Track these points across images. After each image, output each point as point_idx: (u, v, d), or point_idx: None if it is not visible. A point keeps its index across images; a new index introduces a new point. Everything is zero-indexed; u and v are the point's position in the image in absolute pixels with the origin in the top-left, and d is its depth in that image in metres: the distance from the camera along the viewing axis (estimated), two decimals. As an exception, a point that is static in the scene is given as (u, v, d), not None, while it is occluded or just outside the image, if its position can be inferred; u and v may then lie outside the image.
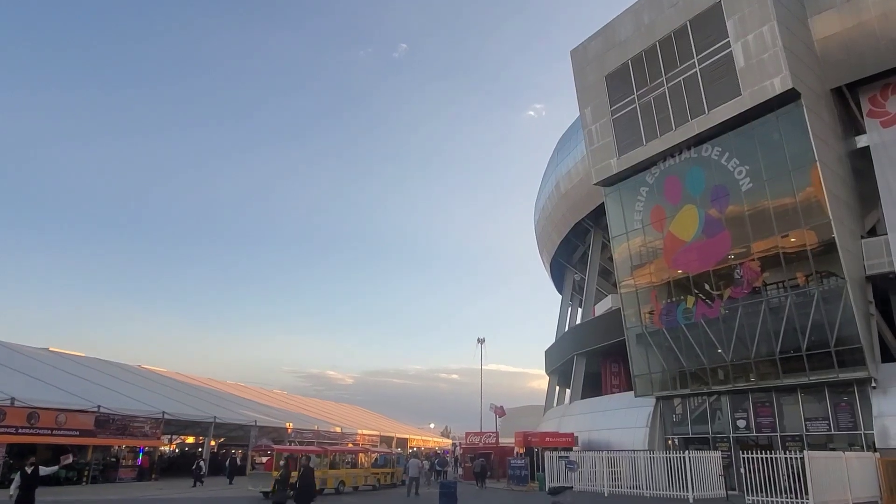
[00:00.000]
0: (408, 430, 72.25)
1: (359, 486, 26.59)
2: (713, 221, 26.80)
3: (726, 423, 27.22)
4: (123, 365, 43.72)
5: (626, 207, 31.22)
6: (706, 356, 27.13)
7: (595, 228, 41.90)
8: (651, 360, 29.86)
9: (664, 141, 28.07)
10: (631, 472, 25.22)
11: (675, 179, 28.54)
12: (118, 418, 30.46)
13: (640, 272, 30.40)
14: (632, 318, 30.71)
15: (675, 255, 28.37)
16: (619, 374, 39.64)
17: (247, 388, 59.46)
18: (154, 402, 34.56)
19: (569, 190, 40.96)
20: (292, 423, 45.64)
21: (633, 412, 31.11)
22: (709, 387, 27.28)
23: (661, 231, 29.18)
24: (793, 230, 24.18)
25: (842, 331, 22.73)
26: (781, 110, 24.46)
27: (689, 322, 27.66)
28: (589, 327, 39.74)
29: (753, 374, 25.53)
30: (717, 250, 26.60)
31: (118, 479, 30.19)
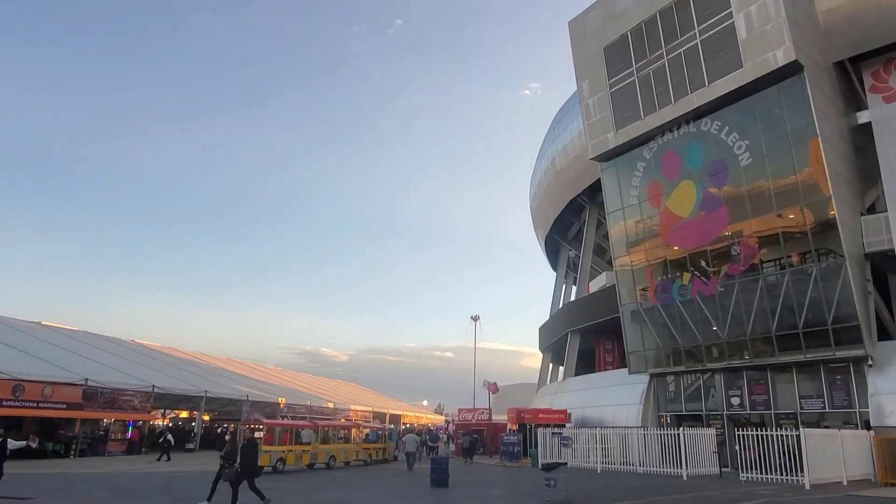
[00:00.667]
0: (401, 406, 72.38)
1: (350, 461, 26.40)
2: (711, 197, 26.38)
3: (720, 401, 27.09)
4: (113, 339, 43.33)
5: (623, 183, 30.76)
6: (701, 333, 26.89)
7: (590, 205, 41.48)
8: (645, 337, 29.64)
9: (663, 115, 27.53)
10: (625, 448, 25.07)
11: (673, 154, 28.05)
12: (106, 391, 30.14)
13: (635, 248, 30.03)
14: (627, 294, 30.42)
15: (672, 232, 27.99)
16: (612, 351, 39.52)
17: (239, 363, 59.29)
18: (144, 375, 34.22)
19: (565, 166, 40.46)
20: (285, 399, 45.51)
21: (627, 389, 30.97)
22: (703, 364, 27.09)
23: (657, 207, 28.76)
24: (792, 206, 23.80)
25: (839, 309, 22.47)
26: (783, 83, 23.92)
27: (684, 299, 27.38)
28: (583, 304, 39.48)
29: (748, 351, 25.32)
30: (715, 226, 26.22)
31: (107, 453, 29.94)
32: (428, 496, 15.22)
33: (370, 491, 16.21)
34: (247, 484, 12.47)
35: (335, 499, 14.35)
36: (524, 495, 15.77)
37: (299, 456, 23.06)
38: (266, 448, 22.32)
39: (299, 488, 16.73)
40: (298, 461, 22.98)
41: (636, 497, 15.32)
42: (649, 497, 15.36)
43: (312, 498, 14.52)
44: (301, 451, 23.24)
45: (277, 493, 15.16)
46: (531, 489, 17.04)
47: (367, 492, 16.00)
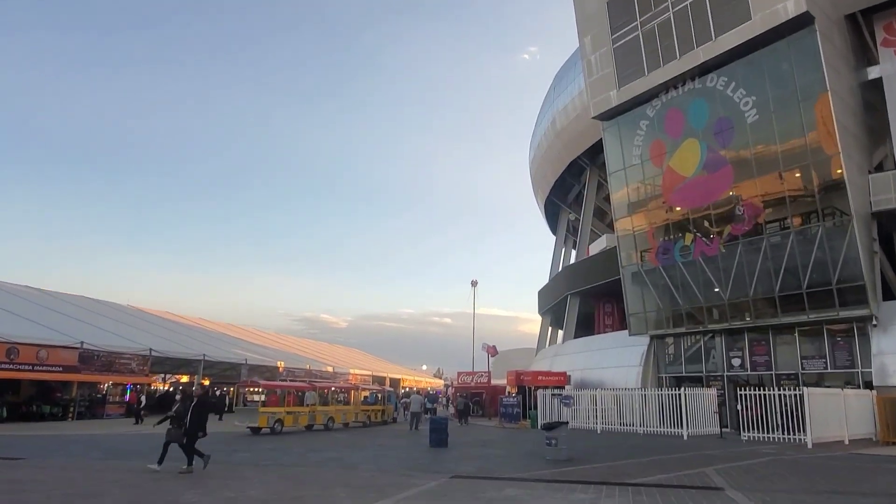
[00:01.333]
0: (400, 370, 72.74)
1: (349, 423, 26.35)
2: (715, 155, 25.80)
3: (720, 362, 26.97)
4: (110, 303, 43.14)
5: (625, 142, 30.09)
6: (703, 295, 26.60)
7: (591, 166, 40.92)
8: (646, 299, 29.36)
9: (667, 71, 26.75)
10: (625, 409, 25.00)
11: (677, 112, 27.37)
12: (103, 355, 30.00)
13: (637, 209, 29.54)
14: (627, 256, 30.03)
15: (675, 192, 27.47)
16: (612, 313, 39.37)
17: (238, 328, 59.28)
18: (141, 339, 34.08)
19: (565, 126, 39.74)
20: (284, 362, 45.56)
21: (627, 351, 30.86)
22: (704, 326, 26.87)
23: (660, 166, 28.18)
24: (799, 164, 23.23)
25: (845, 269, 22.10)
26: (793, 37, 23.12)
27: (686, 260, 27.01)
28: (583, 267, 39.18)
29: (750, 312, 25.08)
30: (719, 185, 25.71)
31: (105, 416, 29.93)
32: (427, 456, 15.05)
33: (369, 451, 16.04)
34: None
35: (333, 458, 14.16)
36: (524, 455, 15.61)
37: (297, 417, 22.95)
38: (264, 410, 22.23)
39: (297, 449, 16.57)
40: (296, 423, 22.88)
41: (639, 455, 15.16)
42: (652, 455, 15.19)
43: (309, 458, 14.33)
44: (299, 413, 23.13)
45: (275, 454, 15.02)
46: (531, 449, 16.89)
47: (366, 452, 15.83)
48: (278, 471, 11.70)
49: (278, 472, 11.55)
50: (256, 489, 9.19)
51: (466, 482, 10.35)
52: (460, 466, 12.75)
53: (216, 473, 11.10)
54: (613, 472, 11.78)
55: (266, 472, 11.50)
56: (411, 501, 8.23)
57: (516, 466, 12.95)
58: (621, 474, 11.49)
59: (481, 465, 12.98)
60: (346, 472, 11.74)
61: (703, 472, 11.75)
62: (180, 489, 9.07)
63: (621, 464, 13.35)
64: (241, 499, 8.27)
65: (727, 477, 11.15)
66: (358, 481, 10.28)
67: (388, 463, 13.35)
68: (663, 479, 10.82)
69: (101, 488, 9.20)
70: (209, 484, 9.73)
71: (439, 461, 13.82)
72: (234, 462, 13.24)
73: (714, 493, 9.36)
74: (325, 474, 11.35)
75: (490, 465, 13.21)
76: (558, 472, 11.68)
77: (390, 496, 8.59)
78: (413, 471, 11.95)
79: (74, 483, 9.51)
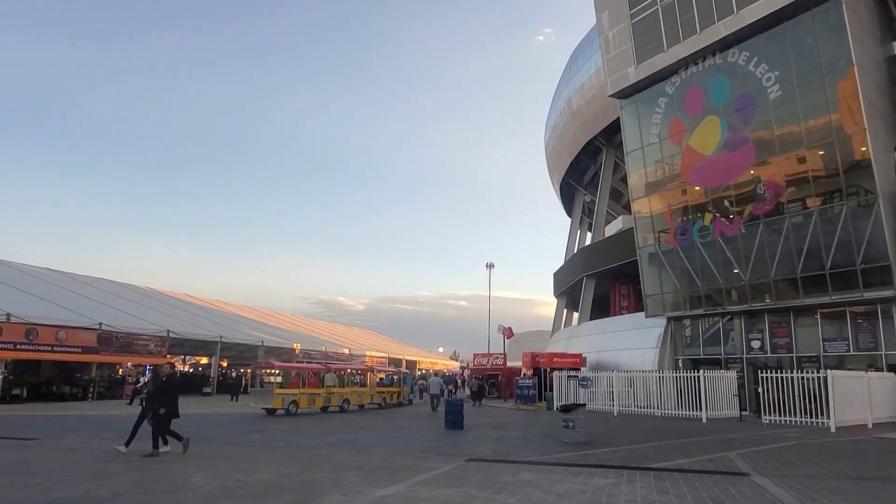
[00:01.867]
0: (417, 352, 72.88)
1: (364, 404, 26.31)
2: (737, 133, 25.18)
3: (739, 345, 26.55)
4: (128, 284, 43.40)
5: (643, 121, 29.50)
6: (722, 276, 26.14)
7: (607, 147, 40.26)
8: (664, 280, 28.95)
9: (687, 46, 26.09)
10: (643, 392, 24.69)
11: (697, 89, 26.71)
12: (121, 336, 30.19)
13: (654, 189, 29.02)
14: (644, 237, 29.57)
15: (694, 170, 26.91)
16: (628, 295, 38.96)
17: (255, 310, 59.51)
18: (159, 320, 34.27)
19: (581, 106, 39.11)
20: (300, 344, 45.70)
21: (643, 333, 30.51)
22: (723, 307, 26.44)
23: (679, 145, 27.60)
24: (823, 141, 22.59)
25: (869, 249, 21.54)
26: (818, 9, 22.38)
27: (705, 240, 26.52)
28: (599, 248, 38.73)
29: (771, 294, 24.58)
30: (740, 164, 25.12)
31: (124, 396, 30.18)
32: (442, 438, 14.89)
33: (383, 433, 15.92)
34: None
35: (347, 440, 14.04)
36: (541, 437, 15.41)
37: (312, 399, 22.91)
38: (279, 391, 22.21)
39: (311, 430, 16.50)
40: (312, 404, 22.85)
41: (658, 439, 14.89)
42: (672, 439, 14.92)
43: (322, 440, 14.22)
44: (314, 394, 23.09)
45: (288, 436, 14.94)
46: (548, 431, 16.69)
47: (380, 434, 15.71)
48: (290, 452, 11.58)
49: (290, 453, 11.43)
50: (266, 471, 9.05)
51: (482, 465, 10.15)
52: (476, 449, 12.57)
53: (227, 454, 11.01)
54: (633, 456, 11.54)
55: (278, 453, 11.40)
56: (425, 486, 8.03)
57: (533, 449, 12.75)
58: (641, 458, 11.24)
59: (497, 448, 12.78)
60: (359, 454, 11.59)
61: (726, 457, 11.46)
62: (188, 471, 8.95)
63: (640, 447, 13.10)
64: (250, 481, 8.12)
65: (752, 461, 10.86)
66: (371, 463, 10.12)
67: (402, 445, 13.20)
68: (685, 464, 10.56)
69: (108, 469, 9.11)
70: (219, 466, 9.61)
71: (454, 444, 13.65)
72: (247, 443, 13.16)
73: (739, 479, 9.07)
74: (337, 456, 11.20)
75: (506, 447, 13.01)
76: (576, 456, 11.46)
77: (404, 480, 8.41)
78: (428, 453, 11.78)
79: (82, 464, 9.44)
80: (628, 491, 7.92)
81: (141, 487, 7.63)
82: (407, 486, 7.96)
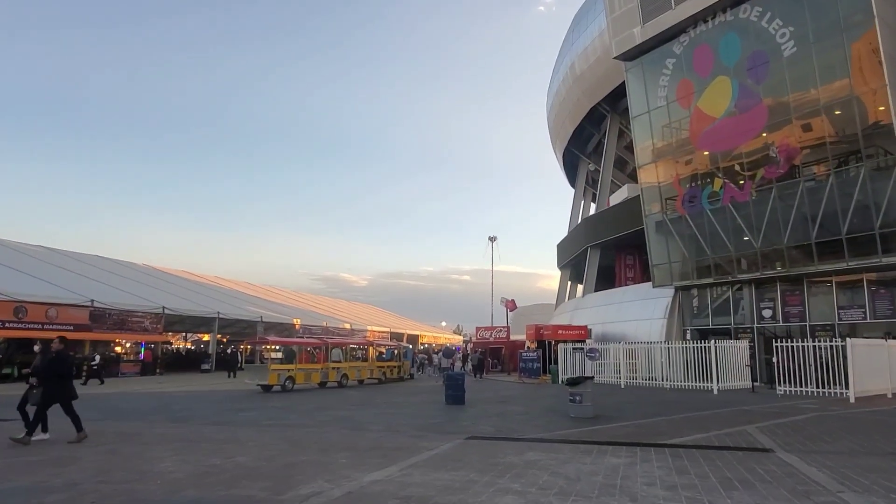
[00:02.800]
0: (419, 326, 72.37)
1: (363, 379, 25.63)
2: (748, 93, 24.06)
3: (750, 314, 25.75)
4: (125, 262, 42.67)
5: (650, 83, 28.31)
6: (732, 243, 25.21)
7: (612, 113, 39.07)
8: (671, 249, 28.04)
9: (696, 2, 24.83)
10: (651, 363, 23.96)
11: (707, 48, 25.50)
12: (115, 313, 29.51)
13: (662, 155, 27.96)
14: (651, 204, 28.58)
15: (703, 134, 25.83)
16: (633, 266, 38.17)
17: (254, 286, 58.87)
18: (154, 297, 33.57)
19: (584, 71, 37.84)
20: (300, 320, 45.10)
21: (650, 303, 29.73)
22: (734, 276, 25.55)
23: (687, 108, 26.47)
24: (841, 100, 21.48)
25: (889, 212, 20.55)
26: (837, -41, 21.14)
27: (714, 207, 25.55)
28: (604, 218, 37.77)
29: (784, 261, 23.67)
30: (752, 126, 24.03)
31: (120, 374, 29.61)
32: (442, 414, 14.15)
33: (380, 409, 15.19)
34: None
35: (341, 418, 13.30)
36: (546, 412, 14.66)
37: (309, 374, 22.20)
38: (274, 367, 21.51)
39: (305, 407, 15.76)
40: (309, 380, 22.15)
41: (670, 412, 14.13)
42: (684, 412, 14.16)
43: (315, 417, 13.48)
44: (311, 370, 22.38)
45: (281, 413, 14.22)
46: (553, 405, 15.95)
47: (378, 410, 14.98)
48: (279, 432, 10.82)
49: (279, 433, 10.67)
50: (248, 454, 8.27)
51: (483, 444, 9.38)
52: (477, 426, 11.81)
53: (210, 435, 10.25)
54: (645, 432, 10.76)
55: (266, 432, 10.63)
56: (420, 469, 7.25)
57: (538, 425, 11.98)
58: (654, 433, 10.46)
59: (500, 425, 12.03)
60: (352, 433, 10.84)
61: (745, 431, 10.68)
62: (162, 454, 8.18)
63: (651, 422, 12.32)
64: (226, 466, 7.34)
65: (773, 436, 10.08)
66: (364, 443, 9.35)
67: (399, 422, 12.45)
68: (702, 440, 9.77)
69: (77, 452, 8.36)
70: (197, 448, 8.84)
71: (455, 420, 12.91)
72: (235, 422, 12.41)
73: (764, 456, 8.28)
74: (329, 435, 10.44)
75: (510, 423, 12.25)
76: (584, 432, 10.68)
77: (397, 462, 7.63)
78: (425, 431, 11.03)
79: (46, 449, 8.66)
80: (644, 472, 7.13)
81: (102, 476, 6.85)
82: (399, 469, 7.18)
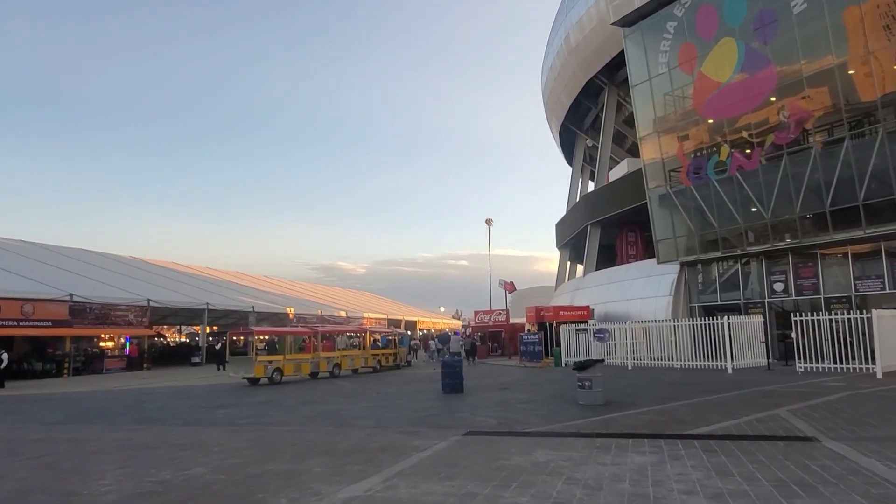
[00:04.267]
0: (417, 312, 71.11)
1: (357, 368, 24.43)
2: (756, 55, 22.72)
3: (760, 288, 24.59)
4: (106, 254, 41.24)
5: (650, 49, 26.93)
6: (741, 214, 24.01)
7: (609, 86, 37.63)
8: (676, 224, 26.84)
9: (699, -40, 23.45)
10: (660, 342, 22.81)
11: (710, 9, 24.12)
12: (96, 307, 28.18)
13: (664, 124, 26.66)
14: (654, 177, 27.31)
15: (708, 100, 24.51)
16: (635, 243, 36.98)
17: (247, 275, 57.48)
18: (139, 289, 32.24)
19: (580, 42, 36.30)
20: (294, 308, 43.81)
21: (654, 281, 28.56)
22: (742, 249, 24.37)
23: (690, 73, 25.15)
24: (856, 56, 20.15)
25: (910, 175, 19.35)
26: None
27: (721, 177, 24.29)
28: (604, 194, 36.49)
29: (796, 231, 22.47)
30: (760, 89, 22.72)
31: (105, 370, 28.38)
32: (438, 405, 12.95)
33: (372, 402, 13.98)
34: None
35: (327, 412, 12.09)
36: (552, 399, 13.47)
37: (298, 365, 20.98)
38: (261, 359, 20.29)
39: (291, 401, 14.54)
40: (298, 371, 20.93)
41: (687, 395, 12.93)
42: (703, 394, 12.95)
43: (299, 413, 12.27)
44: (300, 360, 21.15)
45: (262, 409, 12.99)
46: (559, 391, 14.78)
47: (369, 403, 13.77)
48: (254, 432, 9.60)
49: (253, 434, 9.44)
50: (207, 463, 7.03)
51: (484, 441, 8.18)
52: (477, 418, 10.61)
53: (174, 439, 9.02)
54: (666, 420, 9.57)
55: (237, 434, 9.39)
56: (407, 478, 6.03)
57: (545, 415, 10.80)
58: (677, 422, 9.27)
59: (502, 415, 10.83)
60: (336, 431, 9.62)
61: (777, 416, 9.49)
62: (108, 467, 6.95)
63: (670, 407, 11.14)
64: (175, 482, 6.11)
65: (811, 421, 8.89)
66: (346, 445, 8.13)
67: (391, 416, 11.24)
68: (732, 428, 8.57)
69: (4, 468, 7.11)
70: (154, 457, 7.60)
71: (452, 411, 11.70)
72: (208, 422, 11.18)
73: (810, 447, 7.08)
74: (308, 435, 9.21)
75: (513, 414, 11.06)
76: (597, 422, 9.48)
77: (382, 469, 6.42)
78: (419, 426, 9.82)
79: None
80: (678, 473, 5.92)
81: (18, 499, 5.62)
82: (383, 479, 5.95)
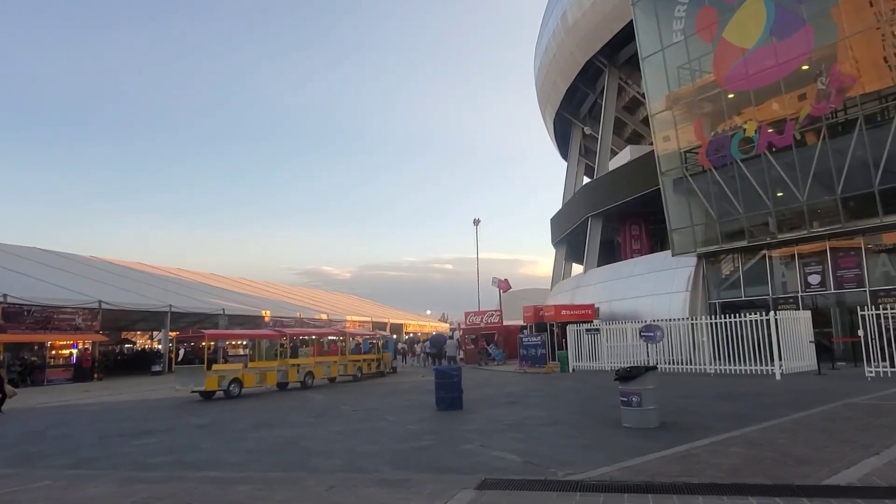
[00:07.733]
0: (403, 315, 67.89)
1: (335, 377, 21.16)
2: (788, 14, 19.84)
3: (793, 281, 21.72)
4: (61, 253, 37.62)
5: (662, 17, 24.02)
6: (771, 198, 21.08)
7: (609, 67, 34.77)
8: (693, 211, 23.90)
9: None
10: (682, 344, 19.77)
11: (734, -35, 21.26)
12: (36, 309, 24.69)
13: (679, 99, 23.74)
14: (668, 159, 24.37)
15: (732, 70, 21.60)
16: (639, 236, 34.11)
17: (221, 277, 53.93)
18: (89, 290, 28.78)
19: (578, 19, 33.43)
20: (269, 311, 40.40)
21: (667, 275, 25.63)
22: (773, 237, 21.44)
23: (710, 40, 22.24)
24: (914, 8, 17.34)
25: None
26: None
27: (747, 156, 21.37)
28: (605, 183, 33.56)
29: (838, 215, 19.56)
30: (793, 54, 19.82)
31: (47, 382, 24.88)
32: (434, 429, 9.77)
33: (346, 422, 10.78)
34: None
35: (281, 444, 8.85)
36: (583, 418, 10.32)
37: (263, 375, 17.63)
38: (216, 368, 16.95)
39: (240, 423, 11.24)
40: (262, 381, 17.58)
41: (763, 414, 9.67)
42: (786, 412, 9.66)
43: (245, 443, 9.03)
44: (265, 369, 17.80)
45: (197, 438, 9.71)
46: (585, 406, 11.66)
47: (342, 424, 10.57)
48: (157, 485, 6.34)
49: (153, 489, 6.18)
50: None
51: (512, 501, 5.00)
52: (491, 452, 7.44)
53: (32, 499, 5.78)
54: (771, 456, 6.45)
55: (129, 487, 6.13)
56: None
57: (586, 446, 7.68)
58: (790, 459, 6.15)
59: (526, 449, 7.66)
60: (284, 480, 6.42)
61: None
62: None
63: (758, 432, 7.99)
64: None
65: None
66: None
67: (367, 449, 8.06)
68: (886, 470, 5.49)
69: None
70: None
71: (453, 440, 8.52)
72: (107, 462, 7.85)
73: None
74: (233, 496, 5.94)
75: (540, 445, 7.90)
76: (672, 461, 6.35)
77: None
78: (408, 468, 6.68)
79: None
80: None
81: None
82: None
